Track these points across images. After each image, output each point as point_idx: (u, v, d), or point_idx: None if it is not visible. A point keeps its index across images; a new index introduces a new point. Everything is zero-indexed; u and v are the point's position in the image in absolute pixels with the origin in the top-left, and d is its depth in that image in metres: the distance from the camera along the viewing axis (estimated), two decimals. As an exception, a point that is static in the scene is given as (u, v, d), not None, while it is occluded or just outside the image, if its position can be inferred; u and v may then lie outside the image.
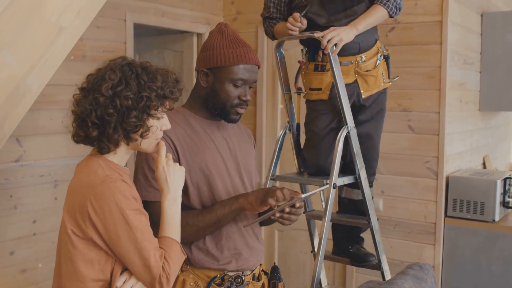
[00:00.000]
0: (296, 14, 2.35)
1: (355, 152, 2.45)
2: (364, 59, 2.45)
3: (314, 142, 2.53)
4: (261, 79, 4.33)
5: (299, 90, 2.56)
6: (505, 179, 3.53)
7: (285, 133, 2.64)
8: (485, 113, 4.34)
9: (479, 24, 4.13)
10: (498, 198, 3.40)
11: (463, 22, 3.75)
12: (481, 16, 4.15)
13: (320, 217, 2.62)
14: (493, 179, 3.43)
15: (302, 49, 2.55)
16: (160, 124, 1.54)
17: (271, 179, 2.60)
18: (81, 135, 1.48)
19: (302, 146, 2.63)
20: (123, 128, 1.46)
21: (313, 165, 2.55)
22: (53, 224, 3.13)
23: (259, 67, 1.87)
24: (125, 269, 1.49)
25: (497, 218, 3.41)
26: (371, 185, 2.66)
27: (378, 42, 2.54)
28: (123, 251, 1.42)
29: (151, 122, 1.51)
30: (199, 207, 1.78)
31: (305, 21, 2.35)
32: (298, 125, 2.62)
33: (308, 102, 2.54)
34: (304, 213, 2.80)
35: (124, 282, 1.46)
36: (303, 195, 1.71)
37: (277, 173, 2.88)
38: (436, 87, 3.53)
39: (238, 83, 1.80)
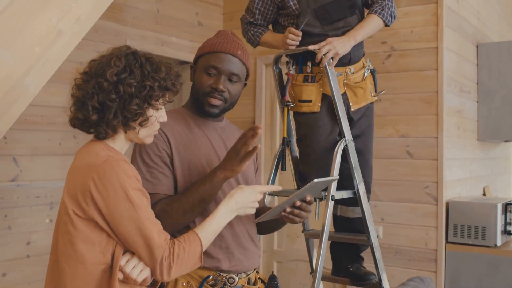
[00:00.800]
0: (296, 31, 2.35)
1: (353, 166, 2.43)
2: (353, 70, 2.46)
3: (311, 157, 2.51)
4: (260, 106, 4.36)
5: (287, 103, 2.53)
6: (506, 205, 3.49)
7: (283, 149, 2.62)
8: (484, 143, 4.34)
9: (475, 54, 4.19)
10: (499, 222, 3.36)
11: (458, 50, 3.80)
12: (477, 47, 4.22)
13: (319, 235, 2.58)
14: (493, 203, 3.40)
15: (287, 61, 2.55)
16: (158, 115, 1.54)
17: (268, 195, 2.57)
18: (80, 118, 1.47)
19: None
20: (123, 115, 1.45)
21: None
22: (47, 247, 3.06)
23: (241, 61, 1.83)
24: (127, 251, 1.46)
25: (498, 243, 3.35)
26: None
27: (364, 56, 2.56)
28: (126, 231, 1.40)
29: (150, 112, 1.51)
30: None
31: (301, 34, 2.37)
32: (287, 138, 2.58)
33: (298, 115, 2.52)
34: (302, 232, 2.76)
35: (127, 261, 1.42)
36: (316, 180, 1.67)
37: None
38: (433, 112, 3.54)
39: (211, 71, 1.79)
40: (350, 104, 2.48)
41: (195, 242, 1.49)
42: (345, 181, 2.54)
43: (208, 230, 1.54)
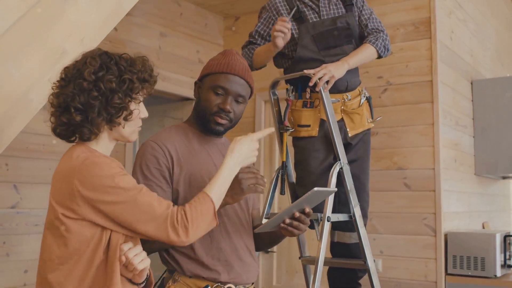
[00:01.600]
0: (283, 17, 2.37)
1: (348, 189, 2.46)
2: (350, 97, 2.53)
3: (308, 181, 2.55)
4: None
5: (287, 128, 2.59)
6: (505, 236, 3.49)
7: (280, 173, 2.65)
8: (482, 179, 4.37)
9: (470, 90, 4.28)
10: (498, 252, 3.35)
11: (453, 84, 3.88)
12: (471, 83, 4.31)
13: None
14: (492, 233, 3.40)
15: (287, 88, 2.62)
16: (140, 109, 1.57)
17: (265, 218, 2.58)
18: (64, 122, 1.49)
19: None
20: (107, 111, 1.48)
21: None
22: (45, 276, 3.07)
23: (247, 82, 1.89)
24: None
25: (498, 274, 3.33)
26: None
27: (360, 85, 2.63)
28: (128, 215, 1.42)
29: (133, 105, 1.53)
30: None
31: (288, 20, 2.36)
32: (284, 163, 2.62)
33: (296, 140, 2.58)
34: (299, 258, 2.76)
35: (129, 248, 1.43)
36: (316, 188, 1.70)
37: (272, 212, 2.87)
38: (430, 144, 3.59)
39: (219, 91, 1.83)
40: (347, 129, 2.54)
41: (206, 200, 1.52)
42: (342, 206, 2.57)
43: (217, 188, 1.56)
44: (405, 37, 3.75)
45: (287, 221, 1.74)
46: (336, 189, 1.88)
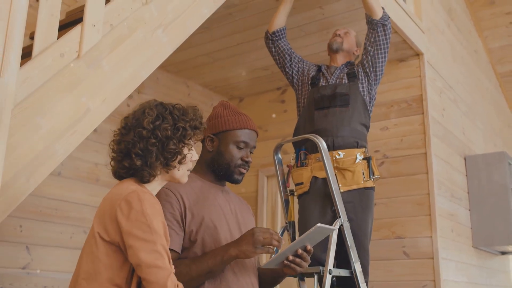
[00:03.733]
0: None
1: (349, 245, 2.58)
2: (342, 155, 2.70)
3: (308, 235, 2.68)
4: (261, 215, 4.54)
5: (291, 191, 2.79)
6: (504, 305, 3.54)
7: (283, 232, 2.79)
8: (480, 252, 4.45)
9: (463, 166, 4.47)
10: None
11: (446, 158, 4.09)
12: (465, 159, 4.51)
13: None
14: (491, 300, 3.45)
15: (292, 157, 2.85)
16: (192, 153, 1.75)
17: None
18: (125, 166, 1.66)
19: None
20: (164, 156, 1.66)
21: (311, 260, 2.65)
22: None
23: (257, 135, 2.12)
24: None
25: None
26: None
27: (362, 148, 2.80)
28: (139, 252, 1.49)
29: (185, 150, 1.71)
30: None
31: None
32: (293, 222, 2.78)
33: (298, 198, 2.77)
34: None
35: None
36: (319, 224, 1.83)
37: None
38: (426, 213, 3.73)
39: (241, 145, 2.04)
40: (339, 185, 2.70)
41: None
42: (344, 263, 2.67)
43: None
44: (399, 114, 4.00)
45: (290, 258, 1.86)
46: (335, 228, 2.01)
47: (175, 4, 2.76)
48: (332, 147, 2.71)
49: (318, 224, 1.84)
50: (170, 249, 1.85)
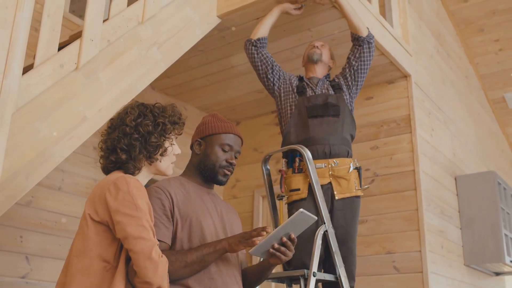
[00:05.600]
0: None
1: (333, 251, 2.69)
2: (337, 163, 2.83)
3: (297, 244, 2.77)
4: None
5: (282, 196, 2.88)
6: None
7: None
8: (473, 272, 4.52)
9: (454, 185, 4.59)
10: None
11: (435, 176, 4.20)
12: (455, 179, 4.63)
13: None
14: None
15: (283, 163, 2.95)
16: (173, 147, 1.92)
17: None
18: (112, 160, 1.83)
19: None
20: (146, 149, 1.84)
21: (298, 265, 2.75)
22: None
23: (242, 142, 2.26)
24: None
25: None
26: (351, 292, 2.81)
27: (351, 158, 2.93)
28: (126, 227, 1.64)
29: (167, 144, 1.89)
30: None
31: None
32: None
33: (289, 205, 2.85)
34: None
35: None
36: (302, 210, 1.96)
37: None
38: (415, 228, 3.82)
39: (226, 148, 2.18)
40: (335, 193, 2.81)
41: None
42: (331, 268, 2.77)
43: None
44: (388, 133, 4.14)
45: (276, 246, 1.98)
46: (316, 218, 2.11)
47: (170, 24, 2.95)
48: (328, 155, 2.83)
49: (301, 209, 1.96)
50: (161, 241, 1.98)
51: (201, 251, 1.97)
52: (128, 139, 1.82)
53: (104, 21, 2.55)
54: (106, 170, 1.89)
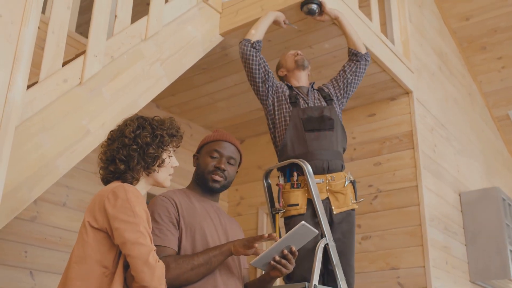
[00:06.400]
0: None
1: (334, 264, 2.69)
2: (334, 178, 2.85)
3: (298, 257, 2.78)
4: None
5: (278, 210, 2.89)
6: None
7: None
8: (478, 289, 4.49)
9: (458, 202, 4.58)
10: None
11: (438, 191, 4.21)
12: (459, 195, 4.63)
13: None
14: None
15: (278, 176, 2.96)
16: (171, 160, 1.96)
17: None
18: (111, 170, 1.87)
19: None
20: (145, 160, 1.88)
21: (298, 278, 2.75)
22: None
23: (237, 148, 2.29)
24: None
25: None
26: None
27: (344, 171, 2.95)
28: (123, 233, 1.67)
29: (165, 155, 1.93)
30: None
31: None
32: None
33: (287, 220, 2.86)
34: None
35: None
36: (303, 222, 1.97)
37: None
38: (418, 244, 3.82)
39: (214, 155, 2.23)
40: (333, 207, 2.83)
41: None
42: (331, 281, 2.77)
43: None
44: (391, 149, 4.16)
45: (277, 258, 2.00)
46: (317, 232, 2.12)
47: (172, 41, 3.01)
48: (327, 170, 2.85)
49: (303, 222, 1.98)
50: (168, 247, 2.02)
51: (207, 254, 2.02)
52: (127, 150, 1.87)
53: (107, 37, 2.62)
54: (106, 181, 1.93)
